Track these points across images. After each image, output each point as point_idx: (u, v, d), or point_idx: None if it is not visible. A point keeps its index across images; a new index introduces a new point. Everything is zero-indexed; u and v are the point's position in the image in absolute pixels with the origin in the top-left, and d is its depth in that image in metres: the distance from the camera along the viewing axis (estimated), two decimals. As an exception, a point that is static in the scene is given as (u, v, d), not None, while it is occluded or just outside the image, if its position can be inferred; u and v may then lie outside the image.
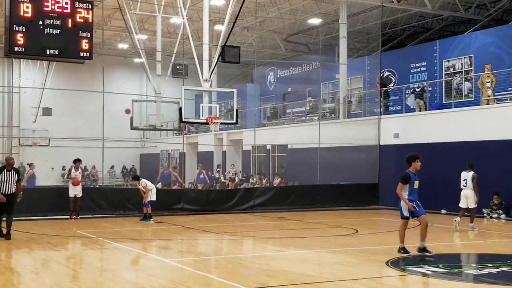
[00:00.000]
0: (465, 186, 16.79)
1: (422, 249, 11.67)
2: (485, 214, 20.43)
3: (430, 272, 10.34)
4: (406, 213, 12.01)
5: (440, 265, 10.95)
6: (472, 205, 16.66)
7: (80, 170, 19.55)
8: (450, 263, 11.28)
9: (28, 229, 15.83)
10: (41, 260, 11.81)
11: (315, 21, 33.37)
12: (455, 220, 16.55)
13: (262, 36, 37.19)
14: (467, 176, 16.85)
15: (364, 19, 31.51)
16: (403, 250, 11.90)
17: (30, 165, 30.93)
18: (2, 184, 13.89)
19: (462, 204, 16.90)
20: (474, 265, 10.94)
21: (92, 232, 15.98)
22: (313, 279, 9.69)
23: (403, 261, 11.43)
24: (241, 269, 11.07)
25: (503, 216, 20.02)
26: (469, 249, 13.42)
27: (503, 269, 10.58)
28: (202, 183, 31.48)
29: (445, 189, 22.20)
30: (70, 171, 19.62)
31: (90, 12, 18.06)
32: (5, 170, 14.10)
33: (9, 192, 13.98)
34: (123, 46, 40.28)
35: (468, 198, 16.73)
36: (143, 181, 19.15)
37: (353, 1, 28.75)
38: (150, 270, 11.04)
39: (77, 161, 19.66)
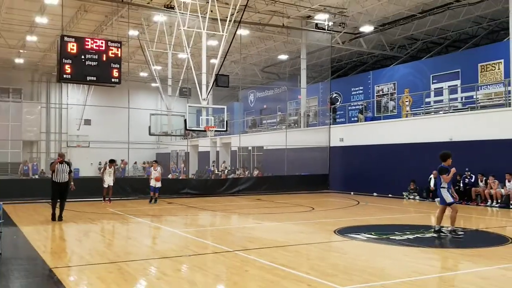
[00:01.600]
0: None
1: (452, 231, 10.42)
2: (404, 196, 20.59)
3: (365, 238, 10.39)
4: (449, 200, 10.39)
5: (373, 233, 11.00)
6: None
7: (113, 168, 18.54)
8: (380, 231, 11.29)
9: (73, 208, 15.64)
10: (83, 231, 11.70)
11: (283, 56, 33.44)
12: None
13: (245, 68, 37.14)
14: None
15: (318, 55, 31.61)
16: (439, 231, 10.53)
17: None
18: (58, 174, 12.91)
19: None
20: (397, 232, 10.99)
21: (121, 210, 15.86)
22: (282, 243, 9.71)
23: (346, 230, 11.48)
24: (229, 236, 11.05)
25: (417, 197, 20.21)
26: (393, 222, 13.48)
27: (418, 235, 10.69)
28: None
29: (376, 177, 22.39)
30: (105, 168, 18.73)
31: (119, 49, 18.11)
32: (59, 163, 13.09)
33: (63, 181, 12.96)
34: (143, 74, 40.01)
35: None
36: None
37: (310, 43, 28.84)
38: (163, 238, 11.01)
39: (111, 162, 18.65)
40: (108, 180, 18.40)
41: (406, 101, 24.13)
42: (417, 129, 20.93)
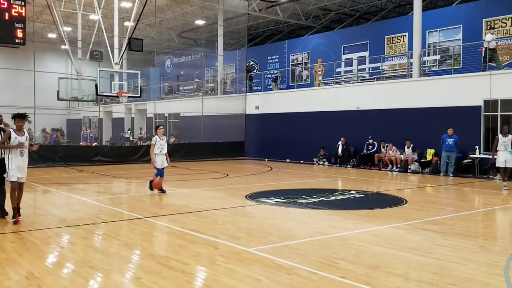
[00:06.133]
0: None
1: None
2: (315, 162, 21.50)
3: (275, 202, 10.82)
4: None
5: (282, 197, 11.48)
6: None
7: (25, 132, 8.63)
8: (289, 195, 11.78)
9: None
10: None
11: (200, 22, 32.93)
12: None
13: (161, 32, 36.15)
14: None
15: (235, 22, 31.49)
16: None
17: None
18: None
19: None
20: (304, 196, 11.53)
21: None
22: (194, 209, 9.84)
23: (257, 195, 11.83)
24: (141, 204, 10.97)
25: (326, 163, 21.20)
26: (301, 186, 14.07)
27: (323, 198, 11.30)
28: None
29: (290, 144, 23.12)
30: (8, 136, 8.32)
31: (23, 8, 16.94)
32: None
33: None
34: (52, 35, 37.67)
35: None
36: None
37: (227, 9, 28.61)
38: (71, 206, 10.69)
39: (20, 117, 8.50)
40: (19, 167, 8.52)
41: (319, 71, 24.87)
42: (328, 98, 21.74)
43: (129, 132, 34.54)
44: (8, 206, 8.80)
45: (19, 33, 16.86)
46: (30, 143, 8.81)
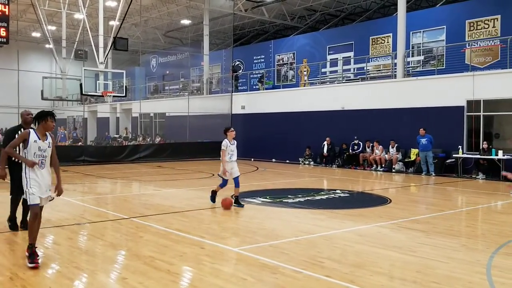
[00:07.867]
0: None
1: None
2: (300, 162, 21.58)
3: (260, 202, 10.84)
4: None
5: (268, 197, 11.51)
6: None
7: (48, 136, 5.92)
8: (274, 195, 11.82)
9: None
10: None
11: (186, 21, 32.84)
12: None
13: (146, 31, 35.98)
14: None
15: (221, 22, 31.44)
16: None
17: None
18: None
19: None
20: (290, 196, 11.56)
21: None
22: (180, 209, 9.81)
23: (243, 195, 11.80)
24: (126, 204, 10.90)
25: (312, 163, 21.29)
26: (287, 186, 14.10)
27: (308, 198, 11.35)
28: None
29: (275, 144, 23.17)
30: (25, 138, 5.83)
31: (7, 6, 16.83)
32: (21, 130, 7.15)
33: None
34: (36, 34, 37.23)
35: None
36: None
37: (213, 9, 28.58)
38: (56, 207, 10.51)
39: (47, 116, 5.80)
40: (36, 178, 5.97)
41: (304, 71, 24.94)
42: (313, 98, 21.83)
43: (118, 135, 34.36)
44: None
45: (3, 32, 16.75)
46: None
